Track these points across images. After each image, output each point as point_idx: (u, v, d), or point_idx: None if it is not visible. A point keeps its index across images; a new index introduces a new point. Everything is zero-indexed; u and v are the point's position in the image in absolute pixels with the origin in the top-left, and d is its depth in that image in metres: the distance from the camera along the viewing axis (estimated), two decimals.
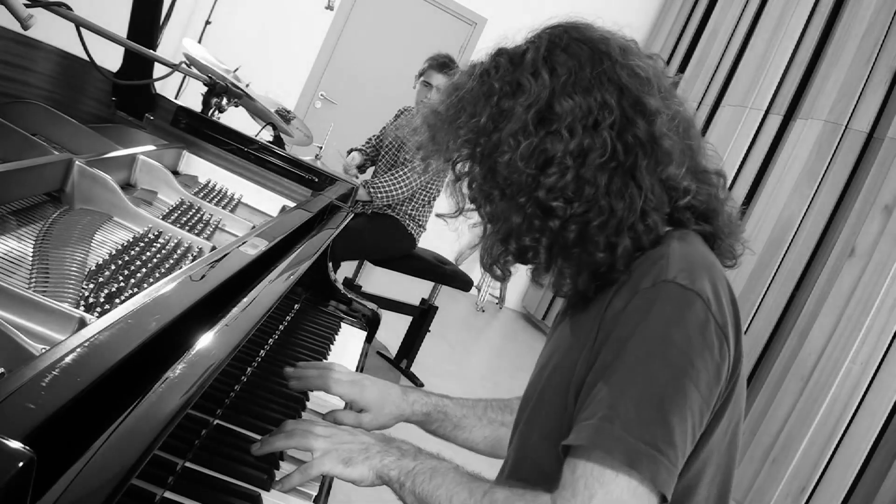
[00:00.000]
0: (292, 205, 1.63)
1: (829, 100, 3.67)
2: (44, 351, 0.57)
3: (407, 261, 3.51)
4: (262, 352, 1.21)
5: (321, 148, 3.69)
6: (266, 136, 2.31)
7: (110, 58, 1.62)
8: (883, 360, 2.99)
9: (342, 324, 1.66)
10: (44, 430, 0.44)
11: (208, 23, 4.53)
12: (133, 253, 1.02)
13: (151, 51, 1.61)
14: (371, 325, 1.72)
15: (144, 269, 0.97)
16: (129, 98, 1.76)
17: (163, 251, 1.07)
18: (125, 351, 0.57)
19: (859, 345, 3.05)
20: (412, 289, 4.01)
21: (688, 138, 0.91)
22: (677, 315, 0.78)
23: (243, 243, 1.02)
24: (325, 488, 0.94)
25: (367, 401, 1.13)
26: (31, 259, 0.91)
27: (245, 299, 0.87)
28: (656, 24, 5.88)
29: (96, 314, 0.80)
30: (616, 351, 0.79)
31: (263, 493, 0.86)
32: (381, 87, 5.49)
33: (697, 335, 0.77)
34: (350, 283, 3.63)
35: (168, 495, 0.77)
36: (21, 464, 0.39)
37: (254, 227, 1.33)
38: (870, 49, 3.55)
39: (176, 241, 1.14)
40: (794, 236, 3.62)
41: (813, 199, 3.60)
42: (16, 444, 0.40)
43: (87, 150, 1.28)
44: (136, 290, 0.91)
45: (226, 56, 2.92)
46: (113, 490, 0.49)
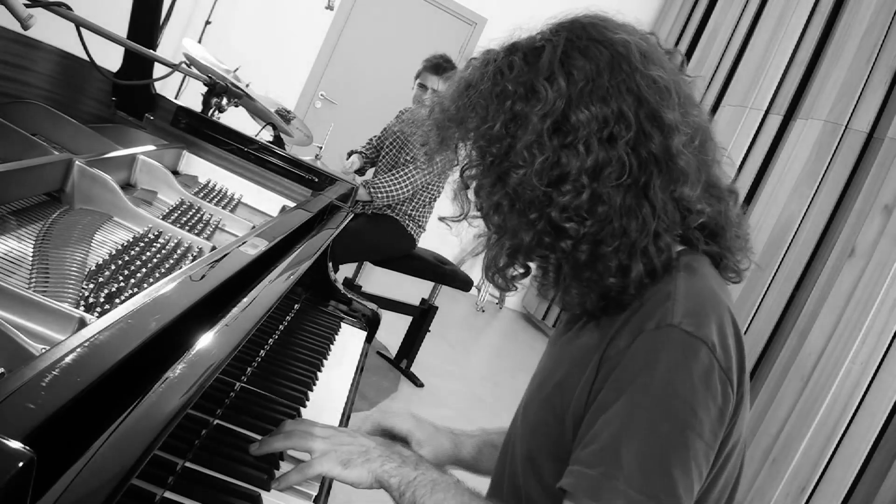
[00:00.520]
0: (292, 205, 1.63)
1: (829, 100, 3.66)
2: (44, 351, 0.57)
3: (407, 261, 3.51)
4: (262, 352, 1.21)
5: (321, 148, 3.69)
6: (266, 136, 2.31)
7: (110, 58, 1.62)
8: (883, 360, 2.99)
9: (342, 324, 1.66)
10: (44, 430, 0.44)
11: (208, 23, 4.53)
12: (133, 253, 1.02)
13: (151, 51, 1.61)
14: (371, 325, 1.72)
15: (144, 269, 0.97)
16: (129, 98, 1.76)
17: (163, 251, 1.07)
18: (125, 351, 0.57)
19: (859, 345, 3.04)
20: (412, 289, 4.01)
21: (703, 152, 0.88)
22: (682, 364, 0.76)
23: (243, 243, 1.02)
24: (325, 488, 0.94)
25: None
26: (31, 259, 0.90)
27: (245, 299, 0.87)
28: (656, 25, 5.88)
29: (96, 314, 0.80)
30: (617, 393, 0.78)
31: (263, 493, 0.86)
32: (381, 87, 5.49)
33: (701, 384, 0.76)
34: (350, 283, 3.63)
35: (168, 495, 0.77)
36: (21, 464, 0.39)
37: (254, 227, 1.33)
38: (870, 49, 3.55)
39: (176, 241, 1.14)
40: (794, 236, 3.62)
41: (813, 199, 3.59)
42: (16, 444, 0.40)
43: (87, 150, 1.28)
44: (136, 290, 0.91)
45: (226, 56, 2.92)
46: (113, 490, 0.49)
